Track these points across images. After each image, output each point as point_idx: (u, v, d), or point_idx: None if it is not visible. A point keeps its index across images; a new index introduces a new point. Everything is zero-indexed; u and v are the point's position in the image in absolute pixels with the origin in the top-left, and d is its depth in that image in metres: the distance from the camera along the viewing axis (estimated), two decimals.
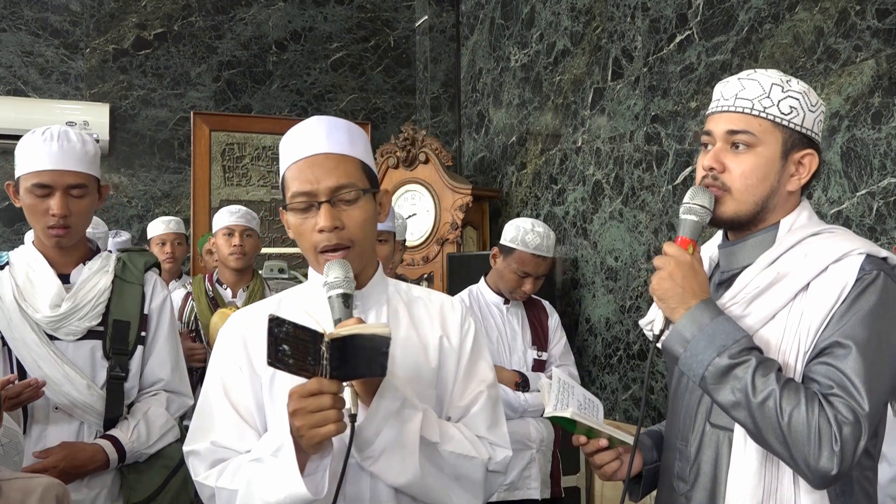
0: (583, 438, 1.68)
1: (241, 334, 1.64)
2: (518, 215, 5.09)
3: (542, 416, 1.76)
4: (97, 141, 5.46)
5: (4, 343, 2.08)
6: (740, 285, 1.55)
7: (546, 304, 3.54)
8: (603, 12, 4.43)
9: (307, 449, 1.37)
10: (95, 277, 2.18)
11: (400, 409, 1.45)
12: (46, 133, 2.11)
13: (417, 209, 5.27)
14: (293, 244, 1.88)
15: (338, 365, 1.33)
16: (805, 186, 1.61)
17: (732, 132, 1.56)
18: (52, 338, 2.10)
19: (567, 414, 1.64)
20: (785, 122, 1.54)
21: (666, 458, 1.73)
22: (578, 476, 3.42)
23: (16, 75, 5.53)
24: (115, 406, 2.14)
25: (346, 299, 1.48)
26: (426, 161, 5.27)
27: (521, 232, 3.24)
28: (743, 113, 1.56)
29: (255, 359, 1.59)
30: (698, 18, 3.72)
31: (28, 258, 2.18)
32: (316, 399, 1.34)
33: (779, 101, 1.54)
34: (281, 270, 4.31)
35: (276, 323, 1.30)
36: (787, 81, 1.56)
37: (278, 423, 1.47)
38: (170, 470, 2.25)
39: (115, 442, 2.10)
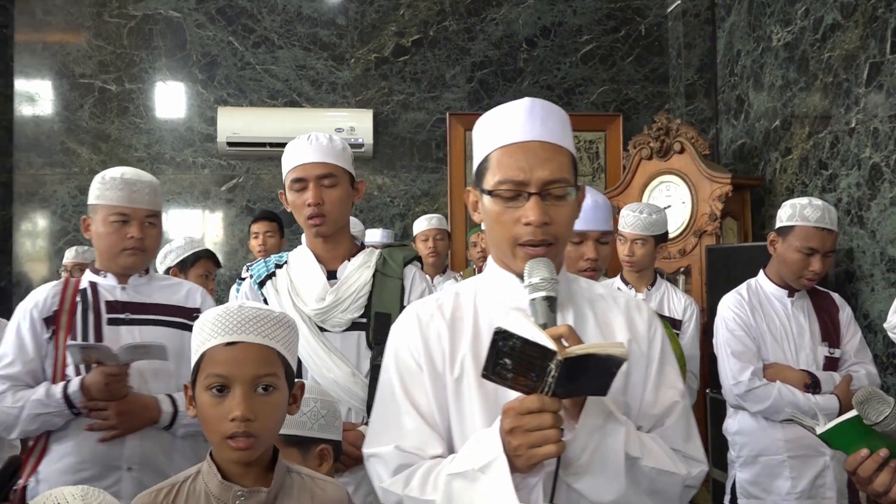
0: (864, 452, 1.48)
1: (419, 330, 1.54)
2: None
3: (816, 434, 1.55)
4: (362, 145, 5.88)
5: None
6: None
7: (835, 296, 3.20)
8: None
9: (522, 468, 1.30)
10: (358, 272, 2.33)
11: (605, 424, 1.36)
12: (300, 138, 2.33)
13: (672, 201, 5.11)
14: None
15: (564, 383, 1.25)
16: None
17: None
18: (322, 329, 2.27)
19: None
20: None
21: None
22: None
23: (291, 88, 6.04)
24: None
25: (552, 303, 1.39)
26: (681, 151, 5.09)
27: (798, 208, 2.96)
28: None
29: (437, 357, 1.51)
30: None
31: (301, 257, 2.39)
32: (536, 417, 1.26)
33: None
34: None
35: (501, 336, 1.23)
36: None
37: (478, 433, 1.40)
38: None
39: None
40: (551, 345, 1.24)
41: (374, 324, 2.29)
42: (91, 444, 2.26)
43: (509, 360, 1.24)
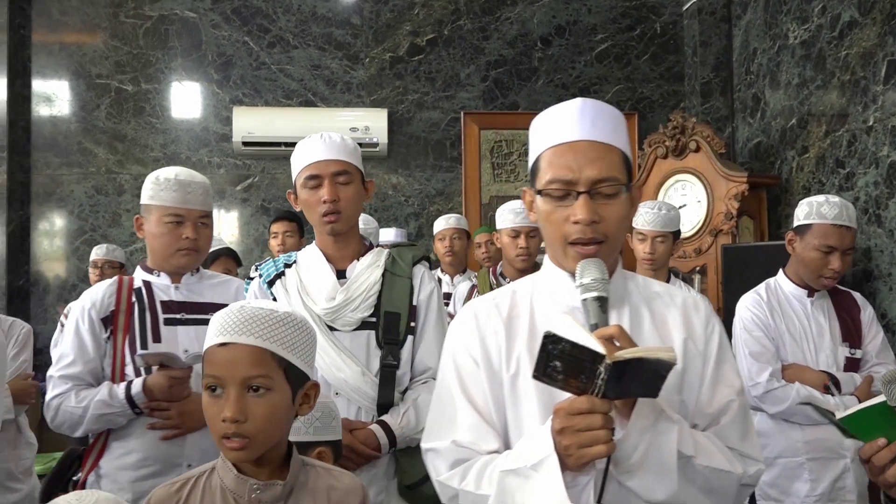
0: (882, 441, 1.47)
1: (476, 327, 1.58)
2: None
3: (834, 420, 1.53)
4: (376, 144, 5.88)
5: None
6: None
7: (856, 295, 3.13)
8: None
9: (572, 467, 1.32)
10: (367, 272, 2.33)
11: (656, 423, 1.37)
12: (312, 136, 2.36)
13: (688, 199, 5.09)
14: None
15: (614, 385, 1.26)
16: None
17: None
18: (331, 329, 2.27)
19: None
20: None
21: None
22: None
23: (306, 87, 6.05)
24: (388, 392, 2.25)
25: (603, 303, 1.41)
26: (697, 149, 5.06)
27: (815, 206, 2.92)
28: None
29: (494, 354, 1.55)
30: None
31: (311, 256, 2.39)
32: (585, 418, 1.28)
33: None
34: None
35: (551, 340, 1.24)
36: None
37: (531, 430, 1.43)
38: None
39: (386, 427, 2.21)
40: (600, 348, 1.25)
41: (384, 323, 2.29)
42: (152, 441, 2.30)
43: (559, 362, 1.26)
